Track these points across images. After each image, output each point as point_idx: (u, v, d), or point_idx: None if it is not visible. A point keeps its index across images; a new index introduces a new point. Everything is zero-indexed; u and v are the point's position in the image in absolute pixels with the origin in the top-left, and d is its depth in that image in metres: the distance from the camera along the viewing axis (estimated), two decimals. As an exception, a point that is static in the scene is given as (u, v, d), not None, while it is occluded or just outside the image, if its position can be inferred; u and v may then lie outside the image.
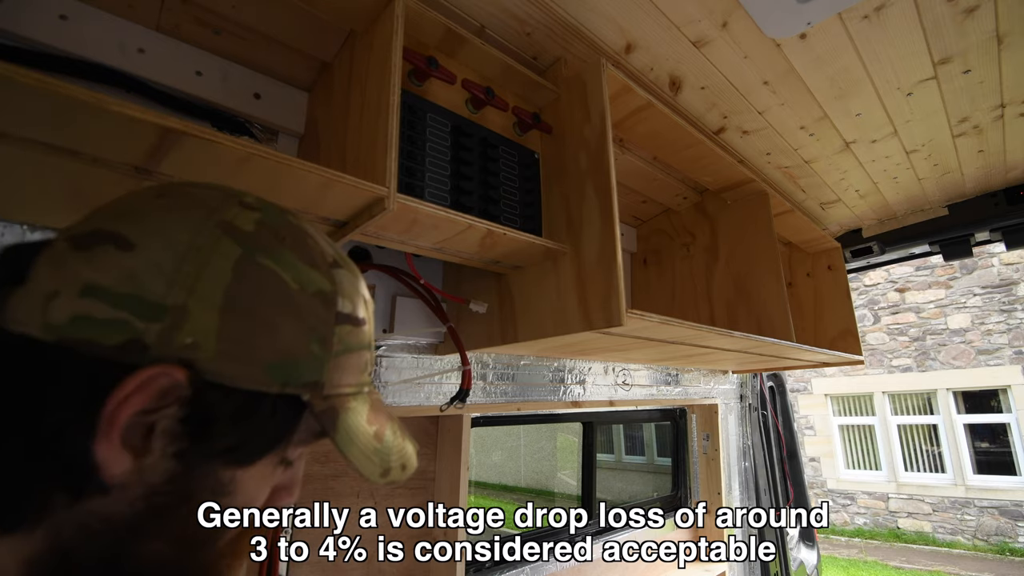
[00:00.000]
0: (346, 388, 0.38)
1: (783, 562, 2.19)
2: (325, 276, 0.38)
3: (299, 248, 0.37)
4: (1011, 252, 6.26)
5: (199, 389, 0.32)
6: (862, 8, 0.95)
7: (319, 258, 0.38)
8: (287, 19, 0.79)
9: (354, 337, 0.39)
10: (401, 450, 0.41)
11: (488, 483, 5.25)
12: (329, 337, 0.36)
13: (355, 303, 0.39)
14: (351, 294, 0.39)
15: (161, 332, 0.31)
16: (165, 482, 0.33)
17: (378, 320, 1.06)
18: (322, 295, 0.37)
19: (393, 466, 0.40)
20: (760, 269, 1.37)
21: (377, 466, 0.38)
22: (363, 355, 0.40)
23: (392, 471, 0.39)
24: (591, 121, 0.91)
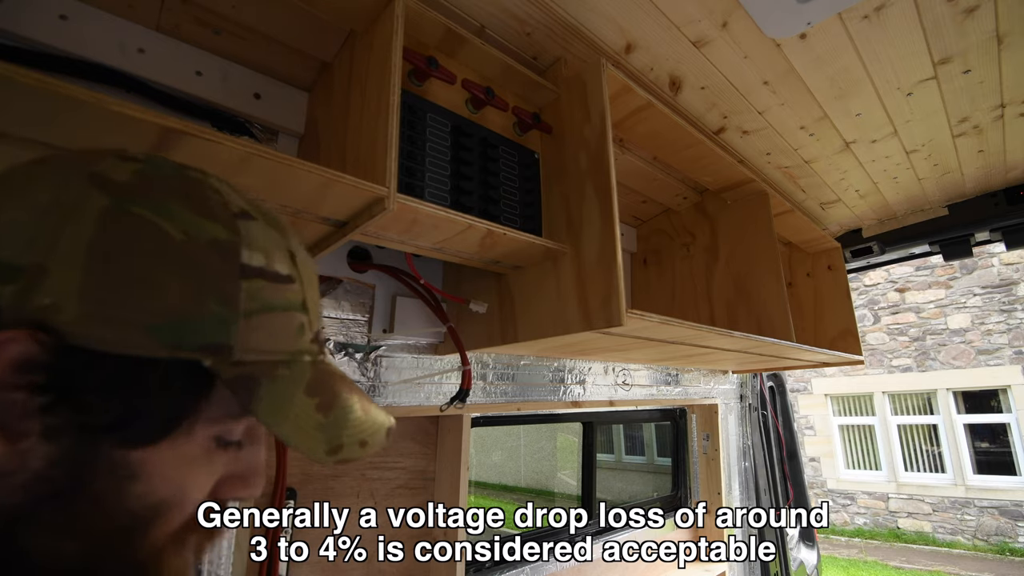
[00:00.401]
0: (271, 354, 0.34)
1: (783, 562, 2.19)
2: (224, 225, 0.33)
3: (188, 196, 0.33)
4: (1011, 252, 6.26)
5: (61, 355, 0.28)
6: (862, 8, 0.95)
7: (217, 207, 0.33)
8: (287, 19, 0.79)
9: (275, 295, 0.34)
10: (361, 425, 0.37)
11: (488, 483, 5.25)
12: (233, 293, 0.32)
13: (271, 256, 0.35)
14: (265, 246, 0.35)
15: (16, 294, 0.27)
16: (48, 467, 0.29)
17: (378, 320, 1.06)
18: (218, 244, 0.32)
19: (347, 442, 0.35)
20: (760, 269, 1.37)
21: (321, 443, 0.34)
22: (293, 317, 0.35)
23: (345, 448, 0.35)
24: (591, 121, 0.91)
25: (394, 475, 1.15)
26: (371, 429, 0.37)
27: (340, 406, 0.36)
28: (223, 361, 0.31)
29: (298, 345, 0.36)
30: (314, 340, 0.37)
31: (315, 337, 0.38)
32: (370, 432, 0.37)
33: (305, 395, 0.34)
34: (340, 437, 0.35)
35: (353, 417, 0.36)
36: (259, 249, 0.34)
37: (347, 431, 0.35)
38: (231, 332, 0.31)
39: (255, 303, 0.33)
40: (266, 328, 0.33)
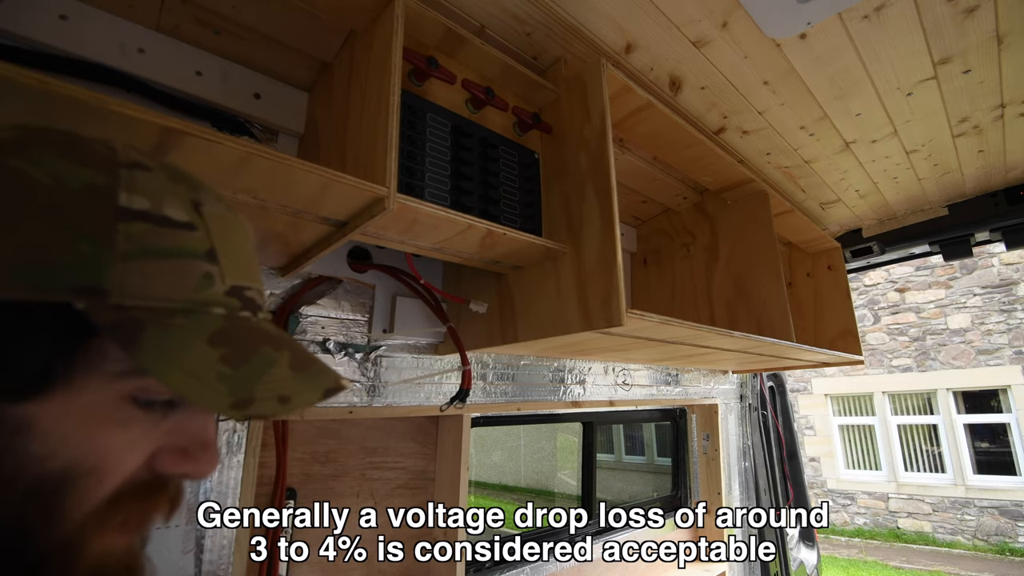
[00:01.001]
0: (161, 301, 0.32)
1: (783, 562, 2.19)
2: (99, 171, 0.32)
3: (64, 147, 0.32)
4: (1011, 252, 6.26)
5: None
6: (862, 8, 0.95)
7: (98, 156, 0.33)
8: (287, 19, 0.79)
9: (163, 239, 0.32)
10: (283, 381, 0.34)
11: (488, 483, 5.25)
12: (107, 235, 0.30)
13: (161, 202, 0.33)
14: (153, 192, 0.33)
15: None
16: None
17: (378, 320, 1.06)
18: (91, 189, 0.31)
19: (260, 396, 0.32)
20: (760, 269, 1.37)
21: (224, 395, 0.31)
22: (192, 264, 0.33)
23: (257, 402, 0.32)
24: (591, 121, 0.91)
25: (394, 475, 1.15)
26: (298, 387, 0.35)
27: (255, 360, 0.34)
28: (98, 304, 0.30)
29: (201, 295, 0.34)
30: (231, 293, 0.36)
31: (232, 291, 0.36)
32: (296, 389, 0.34)
33: (208, 345, 0.32)
34: (251, 391, 0.32)
35: (274, 372, 0.34)
36: (143, 193, 0.32)
37: (261, 385, 0.33)
38: (105, 274, 0.30)
39: (135, 245, 0.31)
40: (152, 273, 0.32)
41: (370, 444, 1.11)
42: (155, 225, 0.32)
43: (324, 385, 0.36)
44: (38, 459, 0.30)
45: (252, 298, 0.38)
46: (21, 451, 0.29)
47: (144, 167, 0.34)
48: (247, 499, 0.84)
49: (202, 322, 0.33)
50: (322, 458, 1.03)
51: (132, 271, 0.31)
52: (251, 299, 0.38)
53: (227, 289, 0.35)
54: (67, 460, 0.30)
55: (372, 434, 1.12)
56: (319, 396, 0.35)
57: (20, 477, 0.29)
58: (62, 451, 0.30)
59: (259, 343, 0.35)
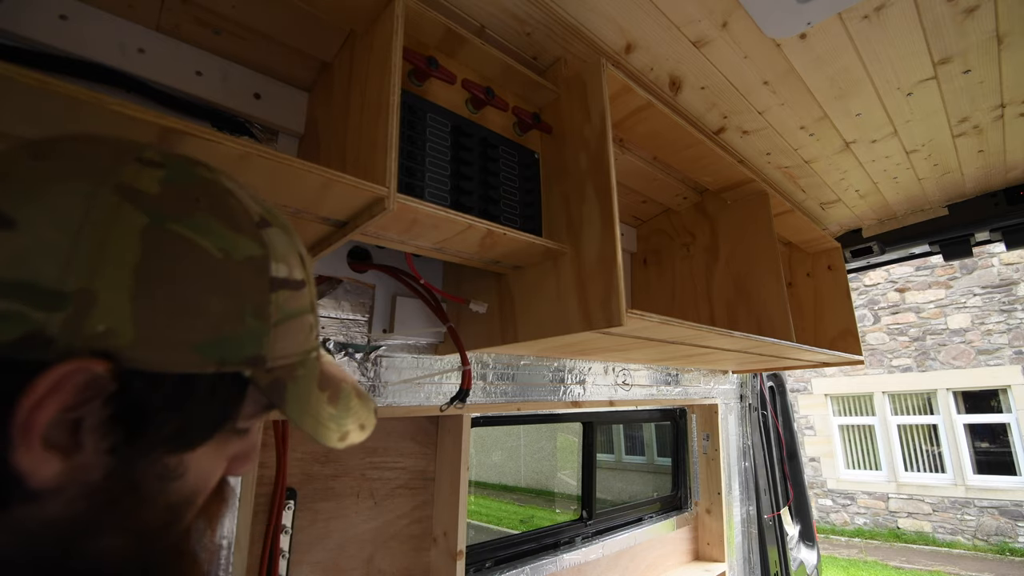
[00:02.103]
0: (291, 357, 0.36)
1: (783, 562, 2.19)
2: (253, 239, 0.34)
3: (218, 208, 0.33)
4: (1011, 252, 6.26)
5: (123, 380, 0.29)
6: (862, 8, 0.95)
7: (243, 218, 0.34)
8: (287, 19, 0.79)
9: (294, 302, 0.36)
10: (358, 411, 0.41)
11: (488, 483, 5.25)
12: (266, 307, 0.34)
13: (291, 265, 0.36)
14: (285, 255, 0.36)
15: (66, 322, 0.27)
16: (104, 478, 0.30)
17: (378, 320, 1.06)
18: (252, 262, 0.33)
19: (351, 429, 0.39)
20: (760, 269, 1.37)
21: (335, 431, 0.38)
22: (305, 320, 0.38)
23: (351, 434, 0.39)
24: (591, 121, 0.91)
25: (394, 475, 1.15)
26: (366, 413, 0.41)
27: (343, 396, 0.39)
28: (259, 370, 0.34)
29: (308, 344, 0.39)
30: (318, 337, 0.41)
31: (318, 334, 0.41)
32: (366, 415, 0.41)
33: (319, 390, 0.38)
34: (346, 425, 0.38)
35: (353, 404, 0.40)
36: (282, 260, 0.36)
37: (350, 418, 0.39)
38: (264, 343, 0.34)
39: (281, 313, 0.35)
40: (289, 334, 0.36)
41: (370, 444, 1.11)
42: (291, 290, 0.36)
43: (373, 406, 0.43)
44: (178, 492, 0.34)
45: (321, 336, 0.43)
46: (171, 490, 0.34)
47: (268, 223, 0.36)
48: (247, 499, 0.84)
49: (311, 369, 0.38)
50: (322, 458, 1.03)
51: (278, 336, 0.35)
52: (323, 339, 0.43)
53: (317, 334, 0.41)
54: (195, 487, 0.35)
55: (372, 434, 1.12)
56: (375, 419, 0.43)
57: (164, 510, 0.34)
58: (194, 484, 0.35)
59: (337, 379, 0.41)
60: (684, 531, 1.98)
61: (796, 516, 2.45)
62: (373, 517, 1.09)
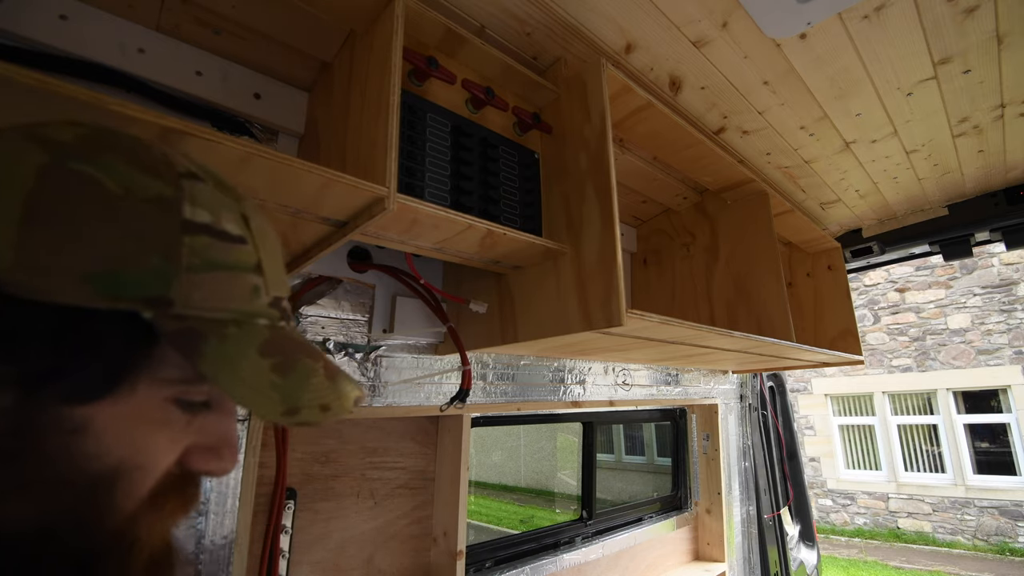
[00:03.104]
0: (218, 312, 0.33)
1: (783, 562, 2.19)
2: (167, 183, 0.33)
3: (129, 154, 0.33)
4: (1011, 252, 6.26)
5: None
6: (862, 8, 0.95)
7: (161, 166, 0.34)
8: (287, 19, 0.79)
9: (222, 254, 0.34)
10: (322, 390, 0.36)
11: (488, 483, 5.25)
12: (175, 248, 0.32)
13: (219, 215, 0.35)
14: (213, 206, 0.34)
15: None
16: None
17: (378, 320, 1.06)
18: (160, 201, 0.32)
19: (305, 405, 0.34)
20: (760, 269, 1.37)
21: (277, 403, 0.33)
22: (245, 278, 0.35)
23: (303, 411, 0.34)
24: (591, 121, 0.91)
25: (394, 475, 1.15)
26: (335, 395, 0.36)
27: (300, 370, 0.35)
28: (163, 314, 0.31)
29: (251, 307, 0.36)
30: (273, 305, 0.37)
31: (274, 302, 0.38)
32: (334, 398, 0.36)
33: (259, 355, 0.34)
34: (298, 399, 0.34)
35: (315, 381, 0.36)
36: (204, 207, 0.34)
37: (307, 394, 0.35)
38: (171, 285, 0.31)
39: (199, 259, 0.32)
40: (212, 285, 0.33)
41: (370, 444, 1.11)
42: (215, 239, 0.34)
43: (353, 394, 0.38)
44: (92, 457, 0.31)
45: (286, 308, 0.40)
46: (77, 451, 0.31)
47: (197, 177, 0.35)
48: (247, 499, 0.84)
49: (252, 332, 0.35)
50: (322, 458, 1.03)
51: (194, 283, 0.32)
52: (286, 309, 0.39)
53: (270, 300, 0.37)
54: (118, 458, 0.32)
55: (372, 434, 1.12)
56: (349, 405, 0.37)
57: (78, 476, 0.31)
58: (114, 450, 0.32)
59: (299, 353, 0.37)
60: (684, 531, 1.98)
61: (796, 516, 2.45)
62: (373, 517, 1.09)
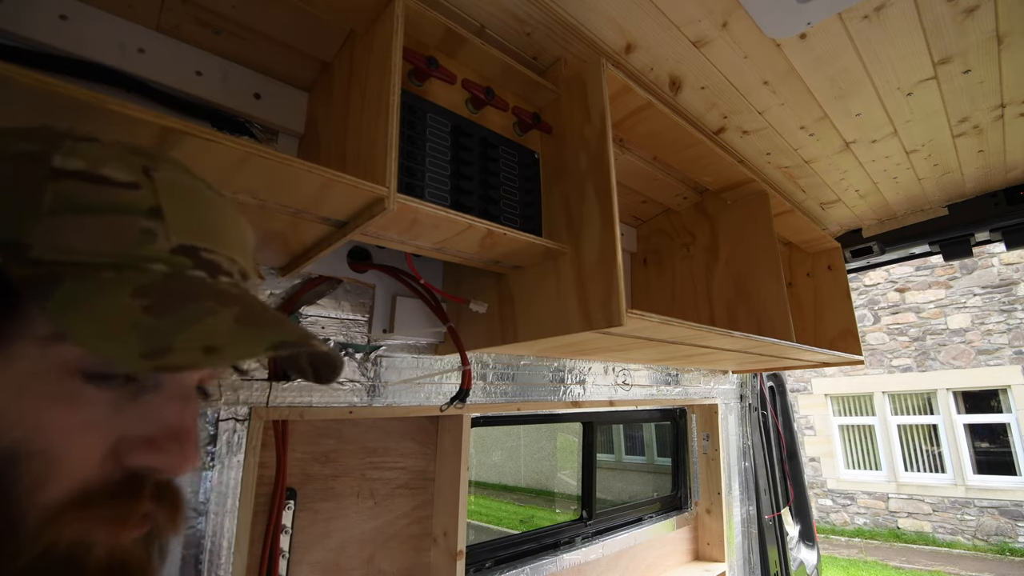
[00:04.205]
0: (88, 255, 0.30)
1: (783, 562, 2.19)
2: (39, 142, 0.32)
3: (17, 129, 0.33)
4: (1011, 252, 6.26)
5: None
6: (862, 8, 0.94)
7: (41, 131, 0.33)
8: (287, 19, 0.79)
9: (96, 196, 0.31)
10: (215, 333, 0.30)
11: (488, 483, 5.25)
12: (34, 193, 0.30)
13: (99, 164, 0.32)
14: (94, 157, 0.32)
15: None
16: None
17: (378, 320, 1.06)
18: (26, 156, 0.31)
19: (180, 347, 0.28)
20: (760, 269, 1.37)
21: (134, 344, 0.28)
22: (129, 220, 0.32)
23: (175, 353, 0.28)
24: (591, 121, 0.91)
25: (394, 475, 1.15)
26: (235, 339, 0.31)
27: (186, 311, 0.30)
28: (16, 259, 0.29)
29: (139, 251, 0.32)
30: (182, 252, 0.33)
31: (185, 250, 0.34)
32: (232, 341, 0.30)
33: (130, 296, 0.30)
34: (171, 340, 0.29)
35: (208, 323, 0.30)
36: (81, 157, 0.32)
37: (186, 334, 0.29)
38: (26, 229, 0.29)
39: (64, 202, 0.30)
40: (82, 228, 0.30)
41: (370, 444, 1.11)
42: (88, 183, 0.31)
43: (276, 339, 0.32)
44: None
45: (214, 261, 0.35)
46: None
47: (95, 140, 0.33)
48: (247, 499, 0.84)
49: (133, 276, 0.31)
50: (322, 458, 1.03)
51: (58, 226, 0.30)
52: (213, 262, 0.35)
53: (174, 247, 0.33)
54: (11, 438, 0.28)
55: (372, 434, 1.12)
56: (263, 349, 0.31)
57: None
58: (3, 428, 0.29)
59: (202, 297, 0.32)
60: (684, 531, 1.98)
61: (796, 516, 2.45)
62: (373, 517, 1.09)
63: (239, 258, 0.38)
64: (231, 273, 0.36)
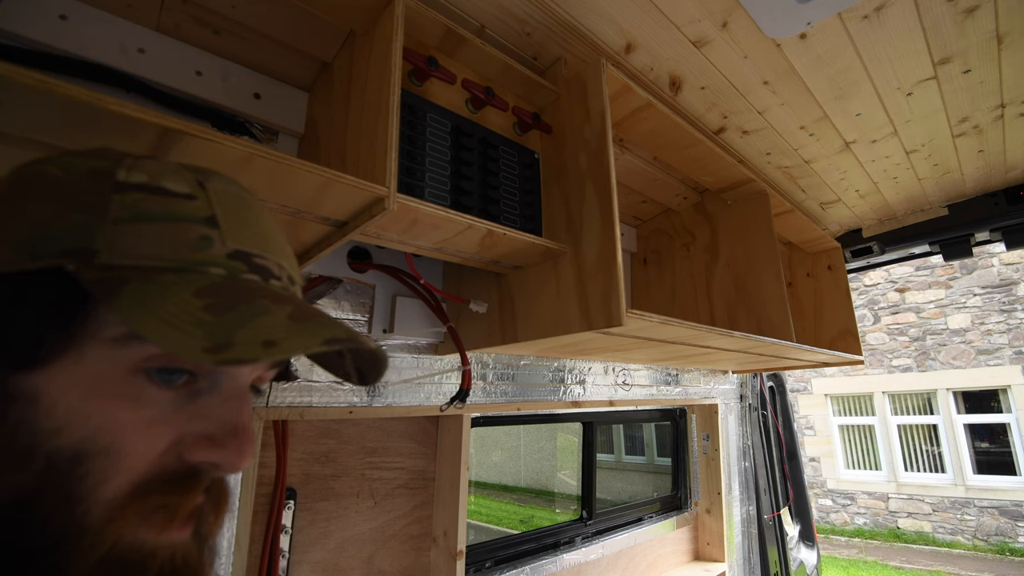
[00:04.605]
0: (151, 260, 0.32)
1: (783, 562, 2.19)
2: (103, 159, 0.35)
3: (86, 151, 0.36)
4: (1011, 252, 6.26)
5: None
6: (862, 8, 0.95)
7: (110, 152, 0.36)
8: (287, 19, 0.79)
9: (157, 206, 0.33)
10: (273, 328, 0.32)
11: (488, 483, 5.25)
12: (101, 204, 0.32)
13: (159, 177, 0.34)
14: (153, 171, 0.35)
15: None
16: None
17: (378, 320, 1.06)
18: (93, 172, 0.33)
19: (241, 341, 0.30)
20: (760, 269, 1.37)
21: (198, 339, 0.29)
22: (188, 228, 0.34)
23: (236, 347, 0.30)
24: (591, 121, 0.91)
25: (394, 475, 1.15)
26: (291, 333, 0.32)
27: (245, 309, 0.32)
28: (87, 265, 0.31)
29: (198, 255, 0.34)
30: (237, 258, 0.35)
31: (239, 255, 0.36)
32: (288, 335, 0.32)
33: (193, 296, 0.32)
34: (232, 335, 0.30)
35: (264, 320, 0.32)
36: (142, 171, 0.34)
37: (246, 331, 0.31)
38: (95, 237, 0.31)
39: (128, 212, 0.32)
40: (144, 235, 0.32)
41: (370, 444, 1.11)
42: (150, 194, 0.33)
43: (328, 335, 0.33)
44: (49, 433, 0.29)
45: (265, 266, 0.37)
46: (33, 424, 0.29)
47: (154, 159, 0.36)
48: (247, 499, 0.84)
49: (193, 279, 0.33)
50: (322, 458, 1.03)
51: (123, 233, 0.32)
52: (264, 267, 0.37)
53: (229, 252, 0.35)
54: (78, 437, 0.30)
55: (372, 434, 1.12)
56: (319, 343, 0.32)
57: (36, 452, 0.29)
58: (71, 426, 0.30)
59: (257, 297, 0.34)
60: (684, 531, 1.98)
61: (796, 516, 2.45)
62: (373, 517, 1.09)
63: (286, 264, 0.40)
64: (280, 278, 0.39)
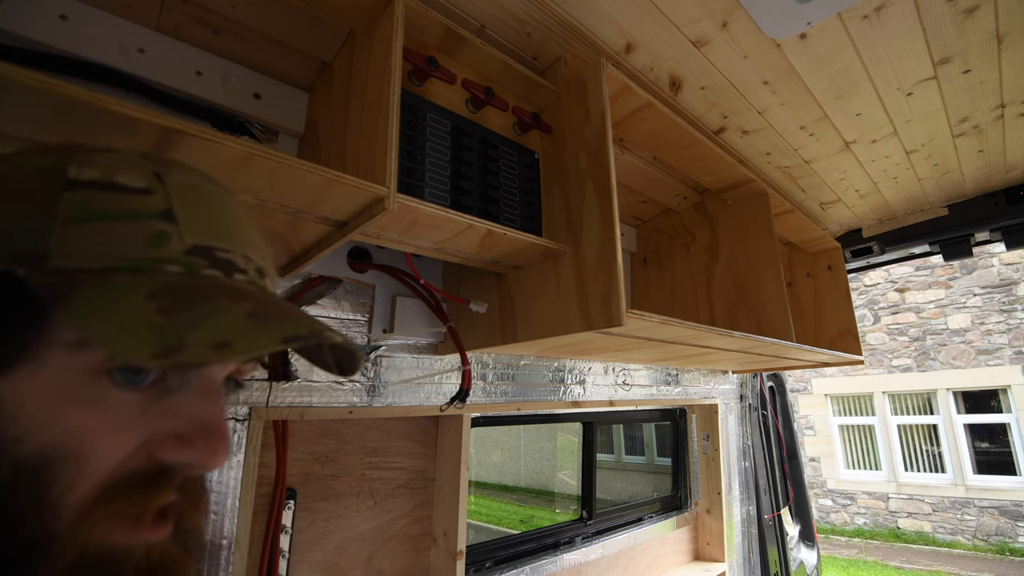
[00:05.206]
0: (104, 260, 0.31)
1: (783, 562, 2.19)
2: (54, 156, 0.33)
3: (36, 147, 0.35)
4: (1011, 252, 6.26)
5: None
6: (862, 8, 0.95)
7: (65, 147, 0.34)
8: (287, 19, 0.79)
9: (109, 203, 0.32)
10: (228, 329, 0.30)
11: (488, 483, 5.25)
12: (50, 204, 0.31)
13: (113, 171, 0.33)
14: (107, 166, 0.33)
15: None
16: None
17: (378, 320, 1.06)
18: (43, 170, 0.32)
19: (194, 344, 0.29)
20: (760, 269, 1.37)
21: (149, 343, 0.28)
22: (142, 224, 0.32)
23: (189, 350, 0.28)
24: (591, 121, 0.91)
25: (394, 475, 1.15)
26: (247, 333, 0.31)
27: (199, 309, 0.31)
28: (38, 269, 0.30)
29: (153, 253, 0.32)
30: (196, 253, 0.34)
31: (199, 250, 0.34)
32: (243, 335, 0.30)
33: (145, 298, 0.30)
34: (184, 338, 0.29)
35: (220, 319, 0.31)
36: (95, 166, 0.33)
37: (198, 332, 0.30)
38: (46, 239, 0.30)
39: (79, 211, 0.31)
40: (97, 235, 0.31)
41: (370, 444, 1.11)
42: (102, 191, 0.32)
43: (287, 332, 0.32)
44: (13, 441, 0.29)
45: (229, 260, 0.36)
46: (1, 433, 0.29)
47: (110, 151, 0.34)
48: (247, 499, 0.84)
49: (148, 279, 0.32)
50: (322, 458, 1.03)
51: (74, 234, 0.31)
52: (227, 260, 0.36)
53: (188, 247, 0.34)
54: (43, 443, 0.29)
55: (372, 434, 1.12)
56: (276, 342, 0.31)
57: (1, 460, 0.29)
58: (35, 433, 0.29)
59: (216, 296, 0.32)
60: (684, 531, 1.98)
61: (796, 516, 2.45)
62: (373, 517, 1.09)
63: (255, 256, 0.39)
64: (246, 271, 0.37)
